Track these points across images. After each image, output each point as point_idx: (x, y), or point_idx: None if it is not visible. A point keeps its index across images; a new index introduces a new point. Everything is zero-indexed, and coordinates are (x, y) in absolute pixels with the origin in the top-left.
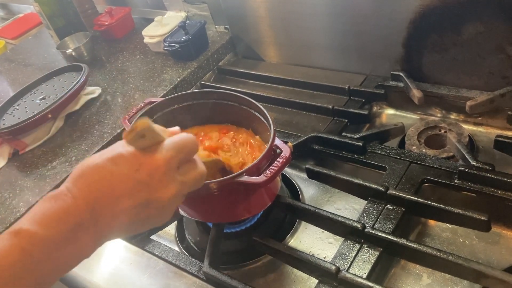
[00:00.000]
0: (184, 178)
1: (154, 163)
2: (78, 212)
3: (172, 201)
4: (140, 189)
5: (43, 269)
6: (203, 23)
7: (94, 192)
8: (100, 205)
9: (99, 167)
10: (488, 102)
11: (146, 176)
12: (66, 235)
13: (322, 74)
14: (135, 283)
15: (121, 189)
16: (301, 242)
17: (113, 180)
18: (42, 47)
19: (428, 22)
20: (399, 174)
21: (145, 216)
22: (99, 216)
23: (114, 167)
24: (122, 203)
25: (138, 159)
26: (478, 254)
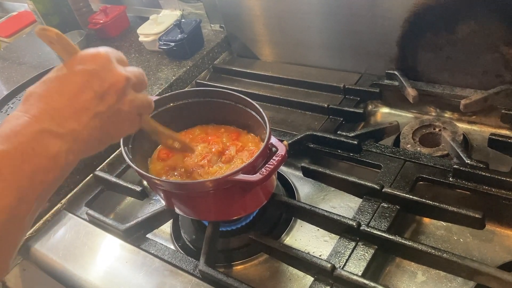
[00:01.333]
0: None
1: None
2: (35, 121)
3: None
4: (89, 79)
5: (17, 182)
6: (198, 21)
7: (46, 99)
8: (56, 109)
9: (44, 80)
10: (482, 101)
11: (91, 65)
12: (29, 145)
13: (317, 73)
14: (131, 281)
15: (72, 86)
16: (297, 240)
17: (61, 82)
18: (37, 46)
19: (423, 21)
20: (394, 172)
21: (106, 107)
22: (60, 118)
23: (58, 73)
24: (78, 99)
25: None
26: (472, 252)
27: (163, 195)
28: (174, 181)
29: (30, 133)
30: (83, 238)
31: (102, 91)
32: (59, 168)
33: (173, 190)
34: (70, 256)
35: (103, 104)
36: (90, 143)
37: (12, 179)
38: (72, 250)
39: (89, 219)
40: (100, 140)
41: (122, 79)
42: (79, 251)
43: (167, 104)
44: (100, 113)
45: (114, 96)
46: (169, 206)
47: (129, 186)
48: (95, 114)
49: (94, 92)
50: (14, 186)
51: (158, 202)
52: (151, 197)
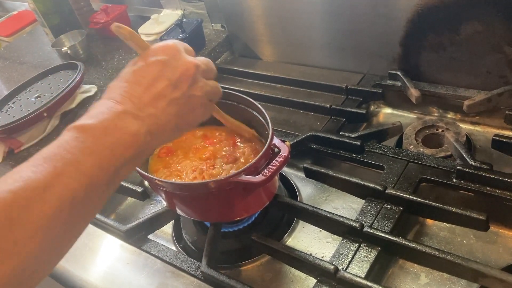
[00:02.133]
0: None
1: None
2: (118, 104)
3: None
4: (163, 69)
5: (99, 152)
6: (199, 21)
7: (126, 89)
8: (136, 96)
9: (123, 73)
10: (486, 102)
11: (163, 56)
12: (112, 122)
13: (319, 73)
14: (132, 282)
15: (148, 76)
16: (299, 242)
17: (139, 73)
18: (37, 45)
19: (426, 21)
20: (397, 173)
21: (181, 94)
22: (140, 104)
23: (135, 66)
24: (154, 87)
25: (149, 50)
26: (476, 254)
27: (164, 196)
28: (175, 182)
29: (114, 113)
30: (84, 239)
31: (175, 78)
32: (137, 146)
33: (175, 191)
34: (71, 257)
35: (177, 91)
36: (168, 128)
37: (95, 148)
38: (72, 251)
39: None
40: (177, 126)
41: (192, 66)
42: (80, 252)
43: None
44: (175, 99)
45: (186, 82)
46: (170, 207)
47: (130, 186)
48: (170, 100)
49: (168, 80)
50: (96, 155)
51: (159, 203)
52: (152, 198)
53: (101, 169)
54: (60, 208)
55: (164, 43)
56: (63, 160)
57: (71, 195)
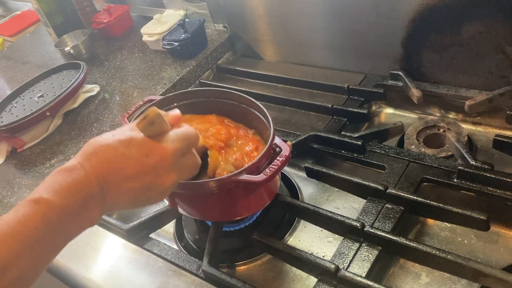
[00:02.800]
0: (183, 167)
1: (163, 151)
2: (90, 185)
3: (171, 186)
4: (147, 173)
5: (59, 235)
6: (202, 21)
7: (105, 169)
8: (109, 182)
9: (111, 147)
10: (487, 102)
11: (154, 162)
12: (79, 205)
13: (321, 73)
14: (134, 281)
15: (130, 171)
16: (300, 241)
17: (124, 161)
18: (40, 45)
19: (428, 22)
20: (398, 173)
21: (146, 197)
22: (107, 191)
23: (125, 150)
24: (129, 183)
25: (148, 145)
26: (477, 253)
27: None
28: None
29: (82, 195)
30: (86, 238)
31: (150, 185)
32: (88, 227)
33: (176, 189)
34: (73, 256)
35: (145, 194)
36: (114, 211)
37: (56, 229)
38: (75, 250)
39: None
40: (124, 209)
41: (171, 184)
42: (82, 250)
43: (170, 104)
44: (138, 198)
45: (158, 191)
46: (172, 206)
47: None
48: (134, 198)
49: (144, 185)
50: (54, 239)
51: (161, 202)
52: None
53: (54, 250)
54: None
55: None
56: (24, 242)
57: (22, 275)
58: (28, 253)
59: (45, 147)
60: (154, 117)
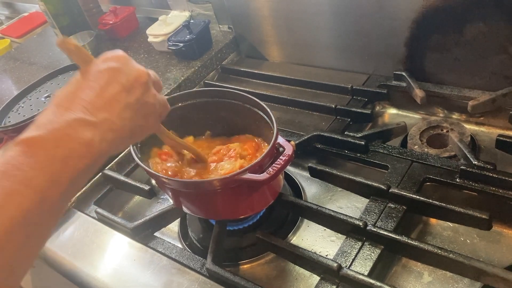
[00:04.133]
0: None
1: (114, 53)
2: (69, 111)
3: (148, 79)
4: (115, 74)
5: (51, 166)
6: (207, 22)
7: (78, 93)
8: (88, 101)
9: (72, 80)
10: (490, 102)
11: (115, 63)
12: (64, 131)
13: (325, 74)
14: (139, 279)
15: (100, 81)
16: (303, 240)
17: (90, 78)
18: (47, 46)
19: (431, 22)
20: (401, 173)
21: (135, 99)
22: (93, 109)
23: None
24: (108, 91)
25: (99, 59)
26: (479, 253)
27: (171, 193)
28: (182, 180)
29: (65, 121)
30: (91, 236)
31: (128, 84)
32: (92, 156)
33: (181, 188)
34: (79, 254)
35: (131, 96)
36: (123, 134)
37: (46, 162)
38: (81, 248)
39: (98, 217)
40: (132, 131)
41: (145, 73)
42: (88, 248)
43: (175, 104)
44: (130, 104)
45: (140, 88)
46: (176, 205)
47: (138, 185)
48: (125, 105)
49: (122, 86)
50: (47, 169)
51: (166, 201)
52: (159, 196)
53: (53, 184)
54: (12, 229)
55: (113, 52)
56: (12, 178)
57: (23, 214)
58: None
59: None
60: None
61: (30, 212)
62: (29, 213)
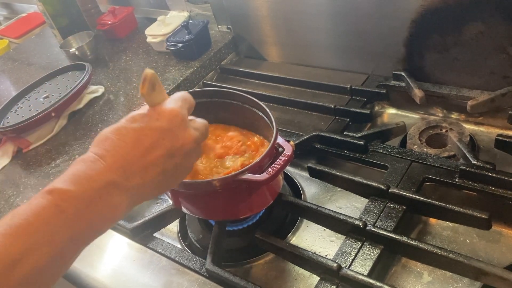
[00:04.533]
0: (195, 125)
1: (171, 111)
2: (108, 170)
3: (193, 147)
4: (164, 137)
5: (76, 225)
6: (205, 22)
7: (121, 150)
8: (128, 161)
9: (120, 128)
10: (489, 102)
11: (167, 124)
12: (98, 193)
13: (324, 74)
14: (138, 279)
15: (146, 141)
16: (303, 240)
17: (137, 135)
18: (45, 46)
19: (430, 22)
20: (401, 173)
21: (173, 165)
22: (130, 172)
23: (135, 124)
24: (150, 155)
25: (154, 111)
26: (479, 252)
27: (170, 194)
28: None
29: (101, 183)
30: None
31: (172, 151)
32: (115, 218)
33: (180, 189)
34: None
35: (170, 162)
36: (148, 196)
37: (73, 220)
38: None
39: None
40: (157, 193)
41: (192, 141)
42: (87, 249)
43: None
44: (166, 170)
45: (182, 155)
46: (176, 205)
47: None
48: (162, 170)
49: (166, 151)
50: (72, 228)
51: (165, 202)
52: (159, 197)
53: (74, 241)
54: (23, 283)
55: (170, 109)
56: (37, 234)
57: (38, 271)
58: (41, 245)
59: (51, 148)
60: (153, 77)
61: (44, 268)
62: (43, 269)
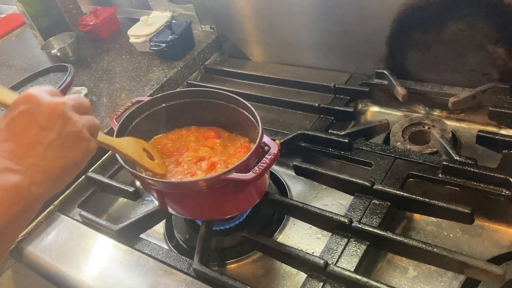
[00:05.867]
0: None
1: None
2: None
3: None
4: (30, 117)
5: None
6: (189, 22)
7: (3, 142)
8: (10, 151)
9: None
10: (470, 99)
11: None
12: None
13: (308, 73)
14: (125, 281)
15: (19, 127)
16: (290, 238)
17: (10, 125)
18: (26, 48)
19: (411, 21)
20: (385, 170)
21: (56, 135)
22: (16, 158)
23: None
24: (28, 135)
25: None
26: (462, 246)
27: (156, 194)
28: (167, 181)
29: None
30: (76, 239)
31: (45, 122)
32: (22, 200)
33: (167, 189)
34: (64, 258)
35: (51, 133)
36: (54, 173)
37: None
38: (65, 252)
39: (82, 220)
40: (63, 167)
41: (59, 105)
42: (73, 252)
43: (159, 105)
44: (52, 141)
45: (58, 122)
46: (162, 206)
47: (122, 187)
48: (48, 144)
49: (39, 126)
50: None
51: (151, 203)
52: (144, 198)
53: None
54: None
55: (23, 93)
56: None
57: None
58: None
59: None
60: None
61: None
62: None
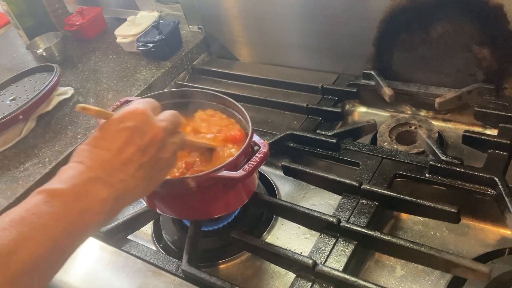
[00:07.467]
0: (161, 117)
1: (133, 111)
2: (89, 170)
3: (164, 137)
4: (131, 135)
5: (67, 218)
6: (176, 22)
7: (97, 154)
8: (106, 162)
9: (92, 138)
10: (456, 99)
11: (131, 122)
12: (83, 187)
13: (296, 73)
14: (113, 283)
15: (117, 143)
16: (278, 238)
17: (108, 140)
18: (10, 47)
19: (398, 22)
20: (372, 170)
21: (149, 158)
22: (110, 170)
23: (104, 133)
24: (124, 153)
25: (118, 115)
26: (449, 245)
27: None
28: None
29: (85, 178)
30: None
31: (143, 144)
32: (105, 212)
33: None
34: None
35: (145, 156)
36: (136, 191)
37: (64, 213)
38: None
39: None
40: (145, 187)
41: (160, 131)
42: None
43: None
44: (144, 164)
45: (155, 147)
46: (150, 206)
47: None
48: (139, 165)
49: (137, 146)
50: (64, 220)
51: (139, 204)
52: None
53: (67, 234)
54: (22, 272)
55: (133, 109)
56: (31, 225)
57: (35, 260)
58: (36, 236)
59: (19, 151)
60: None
61: (42, 258)
62: (40, 258)
